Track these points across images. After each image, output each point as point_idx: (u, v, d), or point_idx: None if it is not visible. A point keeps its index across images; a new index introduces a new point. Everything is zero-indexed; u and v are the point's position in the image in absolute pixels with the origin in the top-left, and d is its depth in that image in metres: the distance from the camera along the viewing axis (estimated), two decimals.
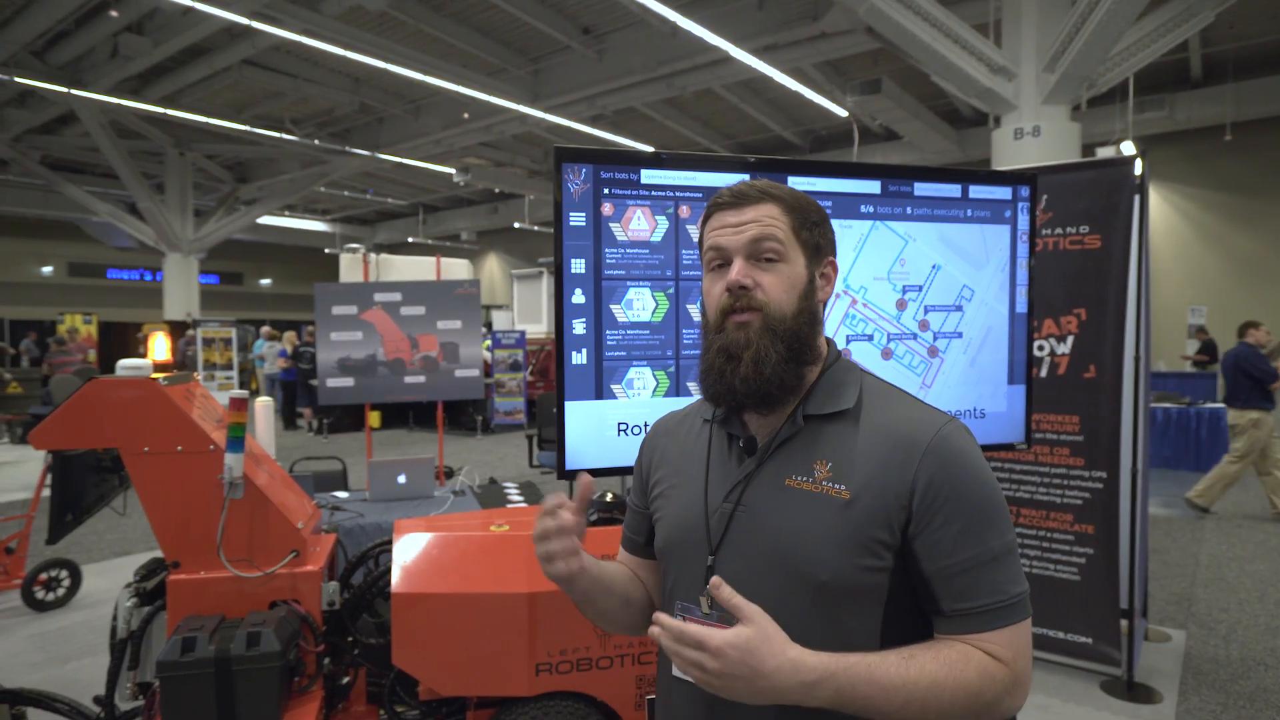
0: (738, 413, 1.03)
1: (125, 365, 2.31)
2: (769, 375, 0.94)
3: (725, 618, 0.91)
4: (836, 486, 0.92)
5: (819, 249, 1.03)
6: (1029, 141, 8.00)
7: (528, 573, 2.13)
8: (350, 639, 2.35)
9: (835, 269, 1.05)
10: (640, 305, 2.22)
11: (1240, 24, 11.49)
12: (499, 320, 14.56)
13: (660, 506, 1.10)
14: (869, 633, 0.91)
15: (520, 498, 3.77)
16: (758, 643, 0.80)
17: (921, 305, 2.47)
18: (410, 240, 27.28)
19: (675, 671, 1.00)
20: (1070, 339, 3.45)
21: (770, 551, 0.94)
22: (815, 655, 0.82)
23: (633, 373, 2.24)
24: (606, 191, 2.17)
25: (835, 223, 1.38)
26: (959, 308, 2.52)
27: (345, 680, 2.37)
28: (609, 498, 2.60)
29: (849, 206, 2.35)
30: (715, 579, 0.83)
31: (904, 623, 0.93)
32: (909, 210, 2.44)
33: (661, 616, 0.83)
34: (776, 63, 10.92)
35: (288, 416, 12.53)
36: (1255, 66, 13.11)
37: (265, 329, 14.04)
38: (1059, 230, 3.45)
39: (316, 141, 16.04)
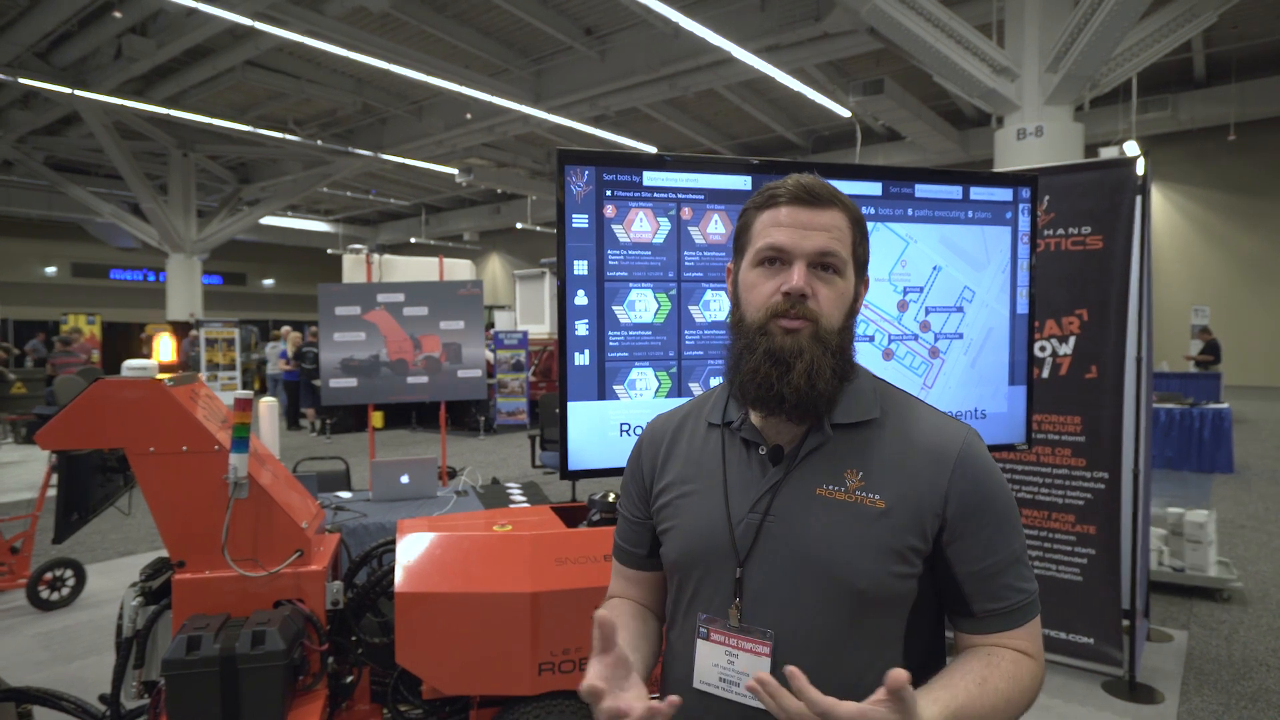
0: (749, 418, 1.01)
1: (131, 366, 2.32)
2: (821, 389, 0.92)
3: (754, 631, 0.93)
4: (870, 496, 0.93)
5: (864, 265, 1.02)
6: (1032, 142, 7.99)
7: (531, 572, 2.14)
8: (354, 638, 2.37)
9: (868, 285, 1.05)
10: (642, 306, 2.24)
11: (1243, 24, 11.47)
12: (501, 321, 14.57)
13: (670, 517, 1.04)
14: (894, 634, 0.94)
15: (523, 498, 3.78)
16: None
17: (922, 306, 2.48)
18: (413, 241, 27.33)
19: (698, 684, 0.97)
20: (1072, 340, 3.45)
21: (805, 561, 0.93)
22: None
23: (635, 373, 2.25)
24: (609, 193, 2.18)
25: None
26: (960, 309, 2.53)
27: (349, 679, 2.38)
28: (610, 498, 2.61)
29: None
30: (792, 669, 0.75)
31: (925, 625, 0.97)
32: (910, 212, 2.45)
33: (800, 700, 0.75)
34: (779, 63, 10.93)
35: (291, 417, 12.55)
36: (1259, 66, 13.09)
37: (285, 329, 13.71)
38: (1061, 231, 3.46)
39: (319, 142, 16.07)
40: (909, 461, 0.94)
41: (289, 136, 15.37)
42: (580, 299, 2.18)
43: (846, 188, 2.39)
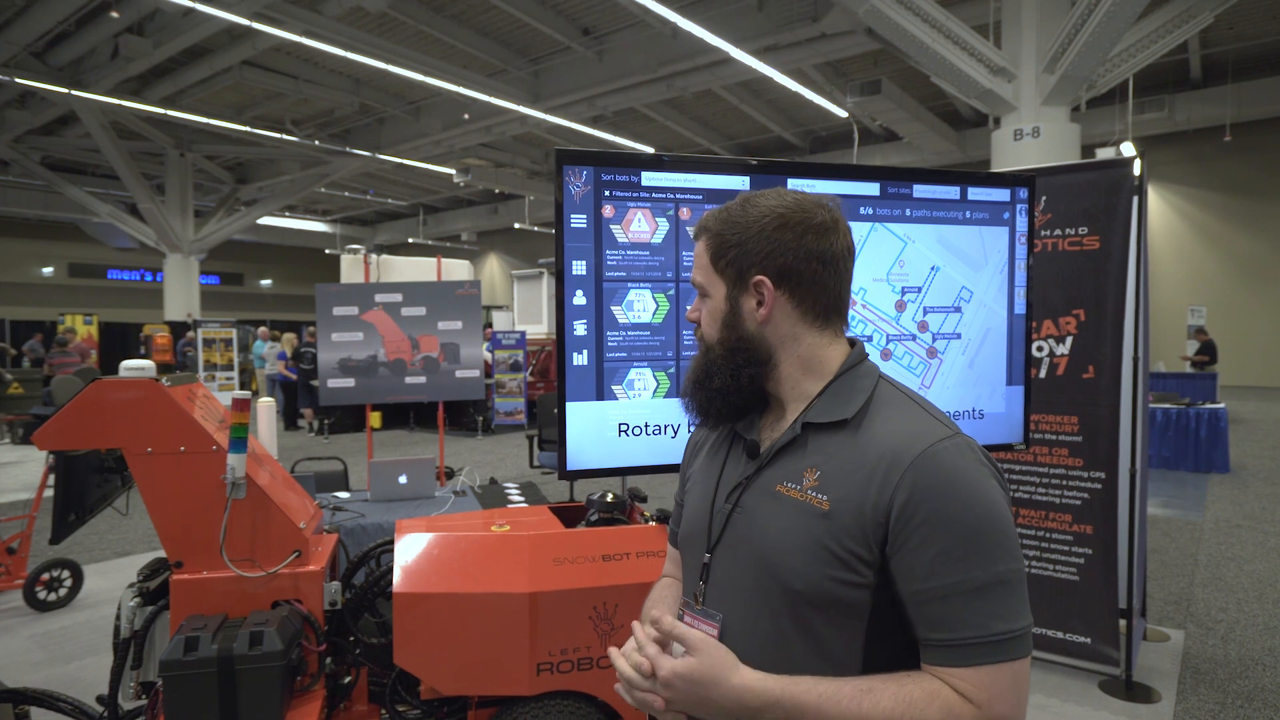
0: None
1: (128, 366, 2.32)
2: (700, 398, 1.03)
3: (708, 614, 0.98)
4: (819, 496, 0.91)
5: (742, 271, 0.98)
6: (1029, 142, 8.01)
7: (529, 572, 2.14)
8: (352, 638, 2.36)
9: (771, 281, 0.97)
10: (641, 307, 2.24)
11: (1240, 25, 11.51)
12: (499, 321, 14.56)
13: (686, 501, 1.15)
14: (851, 649, 0.90)
15: (521, 498, 3.78)
16: (702, 672, 0.86)
17: (920, 306, 2.48)
18: (410, 241, 27.31)
19: None
20: (1069, 340, 3.46)
21: (752, 555, 0.96)
22: (763, 681, 0.85)
23: (633, 374, 2.25)
24: (607, 194, 2.19)
25: None
26: (958, 309, 2.53)
27: (347, 680, 2.37)
28: (609, 498, 2.61)
29: (848, 208, 2.34)
30: (666, 619, 0.90)
31: (892, 642, 0.90)
32: (908, 212, 2.45)
33: (612, 651, 0.93)
34: (776, 64, 10.94)
35: (289, 417, 12.54)
36: (1255, 67, 13.13)
37: (262, 329, 14.05)
38: (1058, 231, 3.46)
39: (317, 142, 16.06)
40: (867, 464, 0.89)
41: (286, 136, 15.36)
42: (579, 299, 2.18)
43: (844, 188, 2.39)
